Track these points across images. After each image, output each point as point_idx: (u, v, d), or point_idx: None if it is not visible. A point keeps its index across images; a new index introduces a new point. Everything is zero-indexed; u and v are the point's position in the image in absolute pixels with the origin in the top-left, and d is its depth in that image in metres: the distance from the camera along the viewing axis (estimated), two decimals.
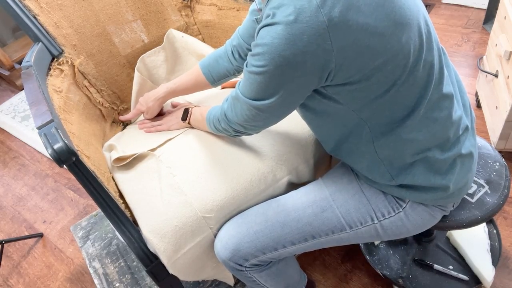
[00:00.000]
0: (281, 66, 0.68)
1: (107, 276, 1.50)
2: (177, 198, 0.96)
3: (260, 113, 0.80)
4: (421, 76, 0.74)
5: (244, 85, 0.79)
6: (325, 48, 0.65)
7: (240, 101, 0.81)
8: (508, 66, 1.41)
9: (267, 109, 0.78)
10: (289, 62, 0.67)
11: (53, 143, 0.80)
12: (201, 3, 1.43)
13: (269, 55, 0.68)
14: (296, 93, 0.75)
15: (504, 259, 1.32)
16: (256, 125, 0.86)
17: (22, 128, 2.37)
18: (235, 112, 0.85)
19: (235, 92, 0.83)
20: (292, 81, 0.71)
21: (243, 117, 0.84)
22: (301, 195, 0.95)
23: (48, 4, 1.21)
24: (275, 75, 0.71)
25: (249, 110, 0.80)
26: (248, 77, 0.76)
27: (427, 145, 0.80)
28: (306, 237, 0.92)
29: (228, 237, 0.94)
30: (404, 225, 0.88)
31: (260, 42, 0.69)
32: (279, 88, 0.73)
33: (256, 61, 0.71)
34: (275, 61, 0.68)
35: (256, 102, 0.78)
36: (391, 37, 0.68)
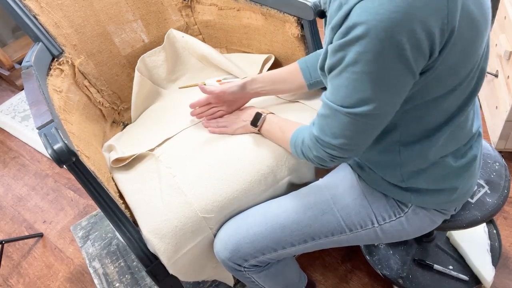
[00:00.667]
0: (388, 47, 0.58)
1: (107, 276, 1.50)
2: (177, 199, 0.96)
3: (366, 120, 0.67)
4: (472, 84, 0.72)
5: (336, 91, 0.67)
6: (441, 27, 0.58)
7: (338, 113, 0.68)
8: (508, 66, 1.41)
9: (374, 113, 0.66)
10: (403, 39, 0.57)
11: (53, 143, 0.80)
12: (202, 3, 1.43)
13: (373, 35, 0.57)
14: (402, 83, 0.64)
15: (504, 259, 1.32)
16: (361, 140, 0.72)
17: (22, 128, 2.37)
18: (333, 132, 0.72)
19: (327, 108, 0.71)
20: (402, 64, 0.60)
21: (344, 133, 0.70)
22: (301, 196, 0.95)
23: (48, 4, 1.20)
24: (379, 60, 0.60)
25: (353, 122, 0.68)
26: (341, 76, 0.65)
27: (444, 152, 0.79)
28: (305, 239, 0.92)
29: (227, 237, 0.94)
30: (404, 229, 0.88)
31: (355, 21, 0.58)
32: (385, 78, 0.62)
33: (355, 48, 0.60)
34: (379, 41, 0.58)
35: (358, 109, 0.66)
36: (479, 38, 0.65)
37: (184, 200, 0.95)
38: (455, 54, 0.63)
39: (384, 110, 0.67)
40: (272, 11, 1.21)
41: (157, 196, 0.99)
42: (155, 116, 1.31)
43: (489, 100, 1.62)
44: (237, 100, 1.11)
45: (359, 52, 0.60)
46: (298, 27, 1.17)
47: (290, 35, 1.21)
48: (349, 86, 0.65)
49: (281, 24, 1.23)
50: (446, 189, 0.82)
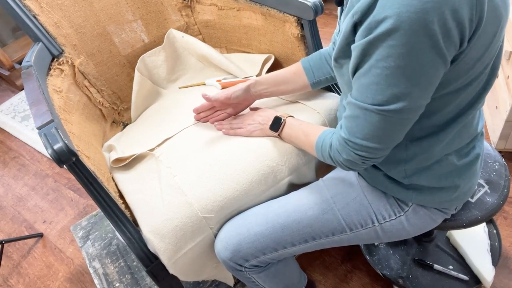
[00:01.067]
0: (422, 37, 0.57)
1: (107, 276, 1.50)
2: (178, 199, 0.96)
3: (397, 116, 0.66)
4: (484, 80, 0.71)
5: (365, 89, 0.65)
6: (470, 17, 0.58)
7: (369, 113, 0.67)
8: (508, 66, 1.41)
9: (407, 108, 0.64)
10: (435, 29, 0.56)
11: (53, 143, 0.80)
12: (202, 3, 1.43)
13: (407, 27, 0.56)
14: (436, 74, 0.62)
15: (504, 259, 1.32)
16: (393, 138, 0.70)
17: (22, 128, 2.37)
18: (364, 133, 0.70)
19: (355, 109, 0.69)
20: (436, 55, 0.59)
21: (376, 133, 0.69)
22: (302, 196, 0.95)
23: (48, 4, 1.20)
24: (413, 52, 0.58)
25: (384, 119, 0.66)
26: (371, 73, 0.63)
27: (449, 150, 0.79)
28: (306, 239, 0.92)
29: (228, 238, 0.94)
30: (405, 228, 0.88)
31: (386, 14, 0.57)
32: (419, 70, 0.60)
33: (387, 42, 0.58)
34: (413, 33, 0.56)
35: (391, 106, 0.64)
36: (498, 32, 0.64)
37: (184, 200, 0.95)
38: (479, 47, 0.63)
39: (418, 103, 0.65)
40: (272, 11, 1.21)
41: (157, 196, 0.99)
42: (155, 116, 1.31)
43: (489, 100, 1.62)
44: (242, 102, 1.11)
45: (392, 45, 0.59)
46: (298, 27, 1.17)
47: (290, 35, 1.21)
48: (381, 82, 0.63)
49: (281, 24, 1.23)
50: (447, 187, 0.82)
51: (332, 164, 0.82)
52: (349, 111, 0.71)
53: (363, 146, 0.71)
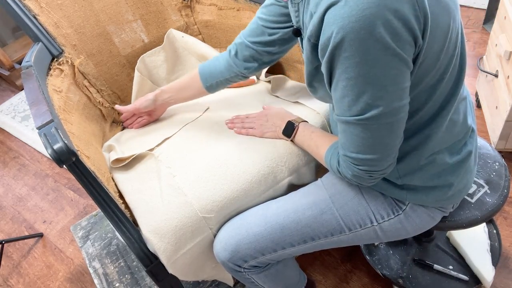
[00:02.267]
0: (371, 43, 0.58)
1: (107, 276, 1.50)
2: (177, 198, 0.96)
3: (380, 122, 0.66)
4: (455, 72, 0.73)
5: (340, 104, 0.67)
6: (414, 14, 0.59)
7: (352, 125, 0.68)
8: (508, 66, 1.41)
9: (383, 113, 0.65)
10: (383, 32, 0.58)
11: (53, 143, 0.80)
12: (201, 3, 1.43)
13: (353, 36, 0.58)
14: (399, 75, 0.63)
15: (504, 259, 1.32)
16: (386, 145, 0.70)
17: (22, 128, 2.38)
18: (356, 145, 0.71)
19: (341, 124, 0.71)
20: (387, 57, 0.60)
21: (366, 144, 0.70)
22: (300, 196, 0.95)
23: (48, 4, 1.21)
24: (367, 59, 0.60)
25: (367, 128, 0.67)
26: (338, 87, 0.65)
27: (439, 148, 0.79)
28: (305, 239, 0.92)
29: (227, 238, 0.94)
30: (404, 227, 0.88)
31: (332, 29, 0.59)
32: (379, 74, 0.62)
33: (341, 55, 0.60)
34: (360, 40, 0.58)
35: (367, 114, 0.65)
36: (451, 22, 0.65)
37: (184, 200, 0.96)
38: (437, 39, 0.64)
39: (394, 106, 0.65)
40: None
41: (157, 196, 0.99)
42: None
43: (489, 100, 1.62)
44: (154, 111, 1.23)
45: (346, 57, 0.61)
46: None
47: None
48: (349, 94, 0.65)
49: None
50: (441, 186, 0.82)
51: (340, 177, 0.83)
52: (338, 127, 0.73)
53: (360, 159, 0.72)
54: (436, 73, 0.69)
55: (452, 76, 0.73)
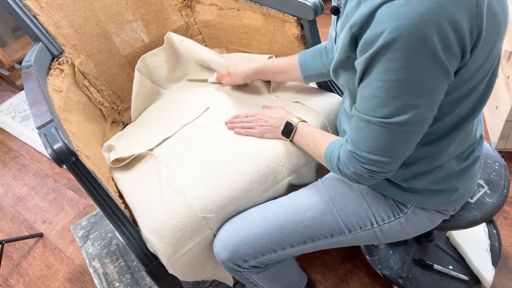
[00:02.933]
0: (421, 50, 0.56)
1: (107, 276, 1.50)
2: (177, 198, 0.96)
3: (405, 129, 0.65)
4: (482, 88, 0.71)
5: (368, 102, 0.65)
6: (470, 27, 0.57)
7: (372, 125, 0.66)
8: (508, 66, 1.41)
9: (411, 121, 0.63)
10: (435, 39, 0.56)
11: (53, 143, 0.80)
12: (202, 3, 1.43)
13: (405, 39, 0.56)
14: (438, 86, 0.61)
15: (504, 259, 1.32)
16: (400, 150, 0.69)
17: (22, 128, 2.37)
18: (368, 145, 0.69)
19: (358, 121, 0.69)
20: (438, 65, 0.58)
21: (380, 146, 0.67)
22: (301, 197, 0.95)
23: (48, 4, 1.20)
24: (413, 65, 0.58)
25: (389, 132, 0.65)
26: (372, 86, 0.63)
27: (449, 158, 0.79)
28: (305, 240, 0.92)
29: (227, 238, 0.94)
30: (404, 229, 0.88)
31: (384, 27, 0.57)
32: (420, 82, 0.60)
33: (386, 56, 0.58)
34: (411, 45, 0.56)
35: (395, 119, 0.63)
36: (497, 40, 0.63)
37: (184, 200, 0.95)
38: (480, 56, 0.62)
39: (423, 116, 0.64)
40: (272, 11, 1.21)
41: (156, 196, 0.99)
42: (155, 116, 1.31)
43: (489, 100, 1.62)
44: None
45: (391, 59, 0.58)
46: (298, 27, 1.17)
47: (290, 35, 1.21)
48: (382, 95, 0.62)
49: (281, 24, 1.23)
50: (446, 189, 0.82)
51: (341, 176, 0.81)
52: (354, 123, 0.71)
53: (369, 159, 0.70)
54: (467, 88, 0.67)
55: (479, 91, 0.70)
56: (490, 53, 0.64)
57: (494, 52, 0.65)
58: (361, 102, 0.67)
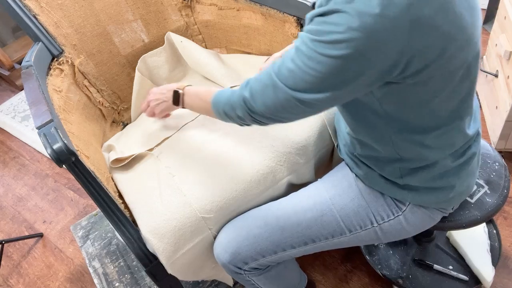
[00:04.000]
0: (353, 59, 0.61)
1: (106, 276, 1.50)
2: (177, 199, 0.96)
3: (302, 106, 0.69)
4: (463, 89, 0.72)
5: (291, 74, 0.68)
6: (401, 50, 0.60)
7: (279, 90, 0.70)
8: (508, 66, 1.41)
9: (314, 104, 0.68)
10: (361, 55, 0.60)
11: (53, 143, 0.80)
12: (202, 3, 1.43)
13: (343, 46, 0.60)
14: (354, 90, 0.67)
15: (504, 259, 1.32)
16: (288, 117, 0.74)
17: (22, 128, 2.38)
18: (264, 102, 0.73)
19: (269, 79, 0.71)
20: (356, 77, 0.63)
21: (275, 108, 0.72)
22: (301, 198, 0.95)
23: (48, 4, 1.21)
24: (342, 67, 0.62)
25: (288, 102, 0.70)
26: (302, 63, 0.65)
27: (445, 153, 0.79)
28: (306, 241, 0.92)
29: (227, 240, 0.94)
30: (404, 227, 0.88)
31: (335, 29, 0.60)
32: (339, 83, 0.65)
33: (325, 49, 0.62)
34: (350, 51, 0.60)
35: (303, 95, 0.67)
36: (463, 51, 0.65)
37: (183, 200, 0.95)
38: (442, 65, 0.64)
39: (324, 104, 0.69)
40: (271, 11, 1.21)
41: (156, 196, 0.99)
42: None
43: (489, 100, 1.62)
44: None
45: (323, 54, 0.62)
46: (297, 27, 1.17)
47: (290, 35, 1.21)
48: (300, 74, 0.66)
49: (281, 24, 1.23)
50: (443, 187, 0.82)
51: (225, 119, 0.85)
52: (263, 78, 0.72)
53: (261, 113, 0.74)
54: (433, 90, 0.68)
55: (457, 93, 0.71)
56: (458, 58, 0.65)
57: (465, 61, 0.66)
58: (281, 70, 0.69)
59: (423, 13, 0.58)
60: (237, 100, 0.78)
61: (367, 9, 0.57)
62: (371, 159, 0.86)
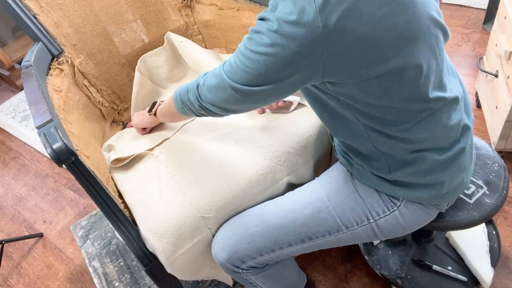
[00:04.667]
0: (279, 60, 0.67)
1: (106, 276, 1.50)
2: (176, 198, 0.96)
3: (243, 98, 0.76)
4: (421, 87, 0.73)
5: (235, 70, 0.75)
6: (316, 53, 0.65)
7: (224, 83, 0.77)
8: (508, 66, 1.41)
9: (255, 95, 0.75)
10: (284, 59, 0.67)
11: (52, 142, 0.80)
12: (201, 3, 1.43)
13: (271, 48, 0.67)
14: (288, 86, 0.73)
15: (504, 259, 1.32)
16: (232, 108, 0.82)
17: (22, 128, 2.38)
18: (210, 89, 0.80)
19: (218, 71, 0.79)
20: (285, 76, 0.70)
21: (223, 98, 0.79)
22: (297, 196, 0.95)
23: (48, 4, 1.21)
24: (272, 65, 0.68)
25: (233, 95, 0.76)
26: (244, 60, 0.72)
27: (426, 146, 0.79)
28: (303, 238, 0.92)
29: (225, 239, 0.94)
30: (400, 223, 0.88)
31: (261, 38, 0.68)
32: (273, 79, 0.71)
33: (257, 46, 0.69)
34: (276, 53, 0.67)
35: (245, 87, 0.74)
36: (391, 50, 0.66)
37: (183, 200, 0.96)
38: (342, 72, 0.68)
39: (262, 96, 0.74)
40: None
41: (156, 196, 0.99)
42: None
43: (489, 100, 1.62)
44: None
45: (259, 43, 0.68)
46: None
47: None
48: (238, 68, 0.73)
49: None
50: (433, 183, 0.82)
51: (181, 109, 0.92)
52: (216, 72, 0.79)
53: (209, 102, 0.82)
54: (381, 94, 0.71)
55: (415, 92, 0.72)
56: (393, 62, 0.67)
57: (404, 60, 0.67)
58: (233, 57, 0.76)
59: (332, 20, 0.62)
60: (192, 86, 0.86)
61: (285, 17, 0.63)
62: (359, 157, 0.87)
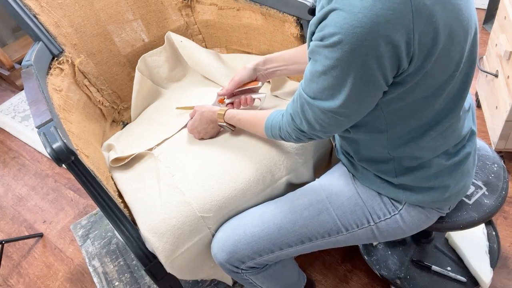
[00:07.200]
0: (359, 56, 0.61)
1: (106, 275, 1.50)
2: (176, 198, 0.96)
3: (334, 115, 0.71)
4: (456, 88, 0.73)
5: (312, 85, 0.70)
6: (407, 40, 0.60)
7: (310, 105, 0.72)
8: (508, 66, 1.41)
9: (341, 112, 0.70)
10: (367, 52, 0.60)
11: (52, 142, 0.80)
12: (202, 2, 1.43)
13: (346, 45, 0.60)
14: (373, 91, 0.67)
15: (504, 259, 1.32)
16: (331, 130, 0.76)
17: (22, 128, 2.38)
18: (306, 119, 0.76)
19: (300, 97, 0.74)
20: (366, 73, 0.63)
21: (316, 122, 0.74)
22: (298, 197, 0.95)
23: (49, 3, 1.21)
24: (350, 66, 0.63)
25: (322, 113, 0.72)
26: (315, 72, 0.67)
27: (437, 153, 0.79)
28: (302, 240, 0.92)
29: (224, 239, 0.94)
30: (400, 226, 0.88)
31: (333, 30, 0.61)
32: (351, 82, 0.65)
33: (330, 52, 0.63)
34: (346, 52, 0.61)
35: (327, 103, 0.69)
36: (458, 45, 0.66)
37: (182, 199, 0.96)
38: (428, 63, 0.64)
39: (350, 112, 0.70)
40: (271, 11, 1.22)
41: (155, 195, 0.99)
42: (154, 116, 1.31)
43: (489, 100, 1.62)
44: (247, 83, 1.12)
45: (327, 57, 0.64)
46: (297, 27, 1.17)
47: (290, 35, 1.21)
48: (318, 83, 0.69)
49: (281, 24, 1.23)
50: (437, 187, 0.82)
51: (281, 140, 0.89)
52: (300, 96, 0.75)
53: (307, 131, 0.78)
54: (429, 88, 0.69)
55: (450, 92, 0.72)
56: (446, 57, 0.66)
57: (452, 57, 0.66)
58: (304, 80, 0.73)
59: (423, 2, 0.59)
60: (287, 126, 0.82)
61: (364, 3, 0.57)
62: (366, 159, 0.86)
